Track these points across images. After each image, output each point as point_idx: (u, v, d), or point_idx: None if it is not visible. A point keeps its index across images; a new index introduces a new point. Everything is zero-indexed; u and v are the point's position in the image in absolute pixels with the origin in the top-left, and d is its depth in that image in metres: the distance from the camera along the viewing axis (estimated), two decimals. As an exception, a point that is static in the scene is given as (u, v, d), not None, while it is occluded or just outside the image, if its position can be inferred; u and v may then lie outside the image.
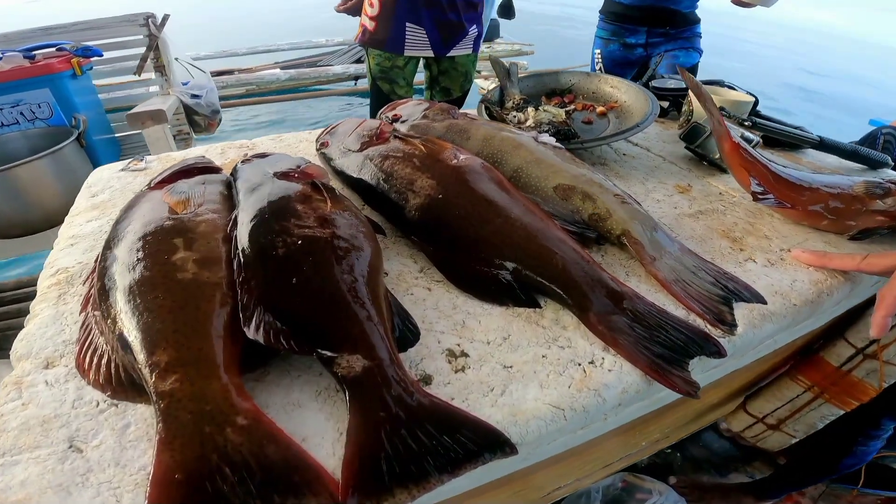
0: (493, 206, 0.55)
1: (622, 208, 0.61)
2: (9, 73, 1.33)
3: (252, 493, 0.31)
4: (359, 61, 4.35)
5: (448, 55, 1.57)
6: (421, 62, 1.62)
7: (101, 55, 1.56)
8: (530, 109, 0.96)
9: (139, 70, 1.70)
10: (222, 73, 3.94)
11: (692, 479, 1.24)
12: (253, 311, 0.40)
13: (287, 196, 0.50)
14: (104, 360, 0.41)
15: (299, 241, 0.44)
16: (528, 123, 0.92)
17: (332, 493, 0.32)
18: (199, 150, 0.80)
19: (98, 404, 0.40)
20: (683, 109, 1.04)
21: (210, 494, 0.31)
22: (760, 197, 0.72)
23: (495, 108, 0.98)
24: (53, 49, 1.47)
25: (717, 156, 0.87)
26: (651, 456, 1.28)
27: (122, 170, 0.76)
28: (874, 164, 0.94)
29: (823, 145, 0.98)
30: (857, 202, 0.69)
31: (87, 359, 0.42)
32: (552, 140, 0.75)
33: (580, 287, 0.48)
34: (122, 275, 0.43)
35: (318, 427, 0.38)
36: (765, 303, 0.54)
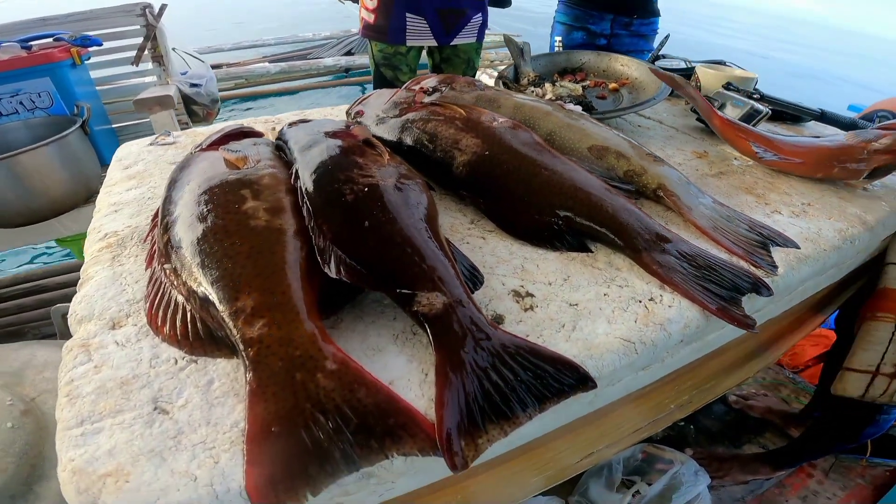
0: (538, 161, 0.57)
1: (655, 165, 0.63)
2: (8, 62, 1.30)
3: (349, 440, 0.30)
4: (349, 53, 4.33)
5: (451, 43, 1.57)
6: (424, 49, 1.62)
7: (101, 44, 1.53)
8: (548, 85, 0.98)
9: (137, 60, 1.67)
10: (211, 67, 3.86)
11: (708, 450, 1.25)
12: (330, 254, 0.41)
13: (345, 150, 0.50)
14: (179, 315, 0.40)
15: (366, 189, 0.45)
16: (547, 97, 0.94)
17: (429, 434, 0.32)
18: (224, 124, 0.80)
19: (176, 361, 0.38)
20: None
21: (308, 446, 0.30)
22: (762, 155, 0.75)
23: (513, 83, 1.00)
24: (51, 39, 1.44)
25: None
26: (665, 428, 1.30)
27: (151, 144, 0.75)
28: (872, 137, 0.99)
29: (825, 117, 1.02)
30: (856, 149, 0.72)
31: (161, 314, 0.40)
32: (578, 108, 0.78)
33: (631, 230, 0.50)
34: (193, 225, 0.43)
35: (401, 370, 0.38)
36: (798, 247, 0.57)
